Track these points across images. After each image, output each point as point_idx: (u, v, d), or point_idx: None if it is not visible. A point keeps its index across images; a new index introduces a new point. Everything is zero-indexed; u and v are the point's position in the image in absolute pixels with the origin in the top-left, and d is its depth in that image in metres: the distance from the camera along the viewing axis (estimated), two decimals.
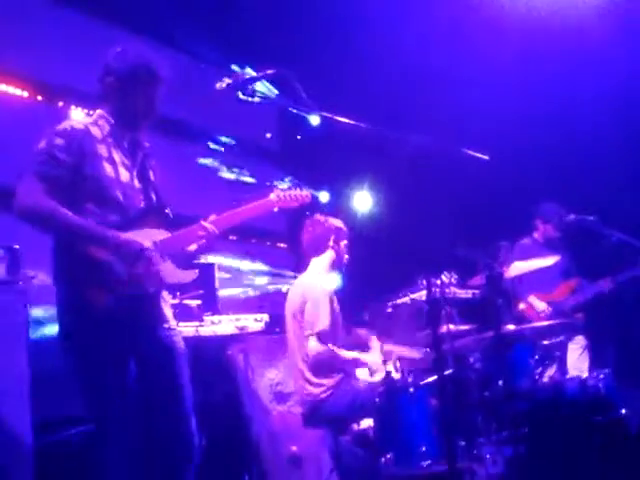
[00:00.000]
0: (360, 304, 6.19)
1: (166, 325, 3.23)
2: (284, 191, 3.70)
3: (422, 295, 4.93)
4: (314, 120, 8.44)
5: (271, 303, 5.97)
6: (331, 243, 4.74)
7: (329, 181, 8.35)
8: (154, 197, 3.31)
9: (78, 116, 5.40)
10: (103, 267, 3.00)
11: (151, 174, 3.34)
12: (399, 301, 5.34)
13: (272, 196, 3.64)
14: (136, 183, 3.25)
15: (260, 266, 7.43)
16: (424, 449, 3.75)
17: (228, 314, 4.85)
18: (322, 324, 4.41)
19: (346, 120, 3.46)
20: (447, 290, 4.79)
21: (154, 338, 3.18)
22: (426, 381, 3.94)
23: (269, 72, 3.34)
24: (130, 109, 3.24)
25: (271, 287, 7.17)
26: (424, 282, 5.22)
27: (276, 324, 5.22)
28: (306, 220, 4.85)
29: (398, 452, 3.81)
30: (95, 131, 3.18)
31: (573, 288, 5.96)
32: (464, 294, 5.06)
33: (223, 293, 5.73)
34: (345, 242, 4.81)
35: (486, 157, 3.16)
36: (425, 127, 3.42)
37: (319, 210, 4.82)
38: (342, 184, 8.26)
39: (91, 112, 3.37)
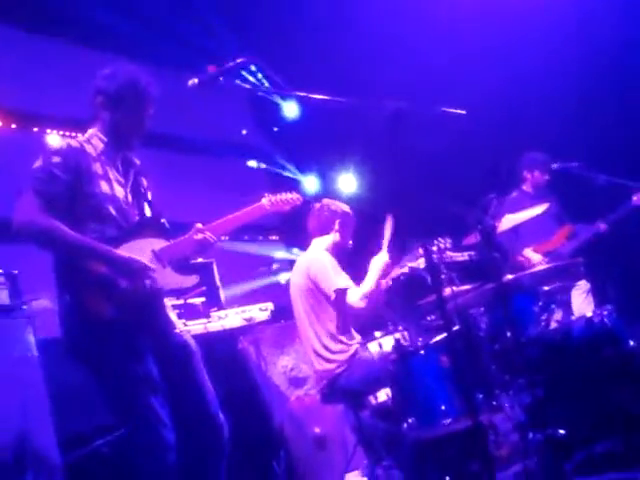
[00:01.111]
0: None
1: (176, 330, 3.33)
2: (275, 195, 3.78)
3: (419, 263, 4.95)
4: (290, 110, 8.48)
5: (271, 295, 6.02)
6: (336, 227, 4.79)
7: (314, 166, 8.45)
8: (148, 210, 3.40)
9: (55, 140, 5.43)
10: (104, 280, 3.06)
11: (143, 190, 3.43)
12: (398, 271, 5.36)
13: (264, 201, 3.70)
14: (130, 199, 3.34)
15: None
16: (444, 408, 3.82)
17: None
18: (340, 280, 4.50)
19: (322, 97, 3.48)
20: (444, 255, 4.83)
21: (167, 340, 3.27)
22: (435, 340, 3.99)
23: (239, 61, 3.39)
24: (121, 127, 3.32)
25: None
26: (420, 250, 5.28)
27: (280, 313, 5.28)
28: (314, 204, 4.89)
29: (419, 415, 3.87)
30: (89, 149, 3.25)
31: (568, 234, 6.01)
32: (460, 257, 5.10)
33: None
34: (351, 227, 4.84)
35: (463, 112, 3.20)
36: (396, 92, 3.46)
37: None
38: (327, 168, 8.35)
39: (67, 133, 3.43)
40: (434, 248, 4.85)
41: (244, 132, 8.73)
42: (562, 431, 3.77)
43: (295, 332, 5.59)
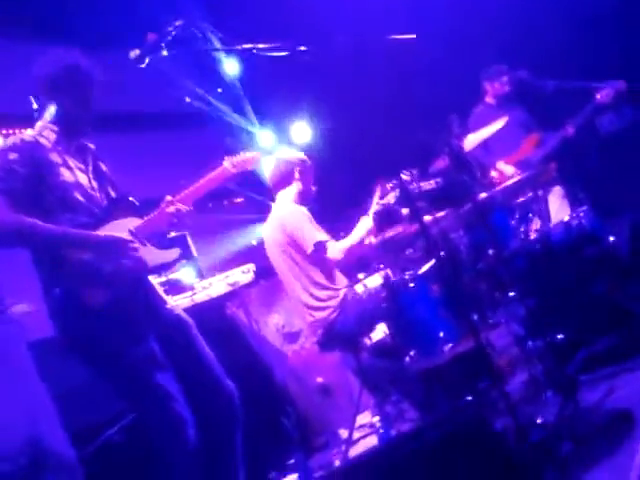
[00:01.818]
0: (330, 227, 6.24)
1: (167, 305, 3.32)
2: (235, 156, 3.73)
3: (389, 199, 4.94)
4: (230, 67, 8.31)
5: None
6: (297, 175, 4.77)
7: (267, 120, 8.33)
8: (113, 193, 3.37)
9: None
10: (89, 266, 3.02)
11: (104, 173, 3.39)
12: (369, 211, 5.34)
13: (225, 164, 3.66)
14: (94, 184, 3.30)
15: None
16: (442, 335, 3.84)
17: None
18: (318, 234, 4.54)
19: (266, 45, 3.42)
20: (412, 186, 4.83)
21: (162, 317, 3.26)
22: (422, 270, 4.01)
23: (178, 24, 3.32)
24: (69, 114, 3.25)
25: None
26: (387, 186, 5.29)
27: (260, 273, 5.28)
28: (270, 159, 4.86)
29: (419, 346, 3.90)
30: (43, 141, 3.19)
31: (536, 142, 6.03)
32: (428, 185, 5.10)
33: None
34: (311, 173, 4.82)
35: (413, 36, 3.17)
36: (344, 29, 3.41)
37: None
38: (279, 119, 8.26)
39: (10, 132, 3.36)
40: (400, 181, 4.87)
41: (187, 100, 8.58)
42: (560, 336, 3.85)
43: (279, 289, 5.61)
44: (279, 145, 7.44)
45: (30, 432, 3.72)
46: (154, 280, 3.38)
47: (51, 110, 3.25)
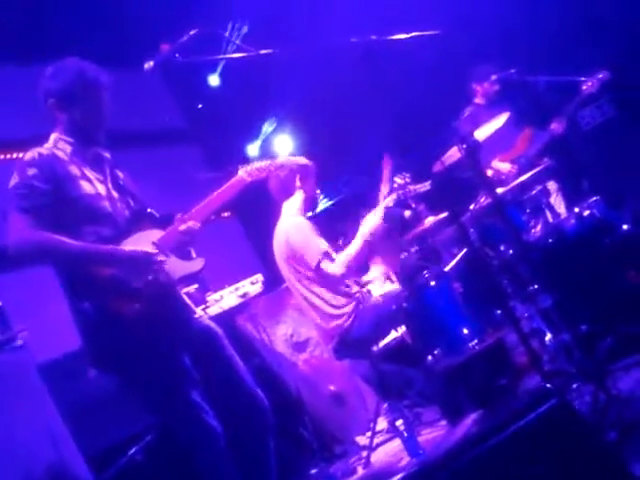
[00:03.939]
0: (330, 234, 6.20)
1: (195, 315, 3.26)
2: (249, 165, 3.69)
3: (388, 202, 4.91)
4: (213, 80, 8.20)
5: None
6: (298, 183, 4.69)
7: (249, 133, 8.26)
8: (133, 203, 3.30)
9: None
10: (117, 281, 2.96)
11: (122, 182, 3.32)
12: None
13: (241, 173, 3.61)
14: (114, 194, 3.22)
15: None
16: (466, 331, 3.82)
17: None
18: (321, 246, 4.45)
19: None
20: (408, 189, 4.83)
21: (192, 329, 3.20)
22: (449, 267, 3.99)
23: (192, 33, 3.27)
24: (82, 124, 3.19)
25: None
26: (383, 190, 5.27)
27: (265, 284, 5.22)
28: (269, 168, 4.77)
29: (444, 344, 3.87)
30: (60, 154, 3.12)
31: (529, 138, 6.05)
32: (423, 188, 5.08)
33: None
34: (312, 177, 4.76)
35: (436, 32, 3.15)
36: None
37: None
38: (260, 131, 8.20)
39: (14, 156, 3.30)
40: (395, 185, 4.86)
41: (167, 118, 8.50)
42: (584, 326, 3.84)
43: (285, 299, 5.56)
44: (275, 154, 7.39)
45: (51, 458, 3.67)
46: (181, 291, 3.31)
47: (64, 121, 3.19)
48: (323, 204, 7.12)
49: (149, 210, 3.31)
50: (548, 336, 3.94)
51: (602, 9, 6.74)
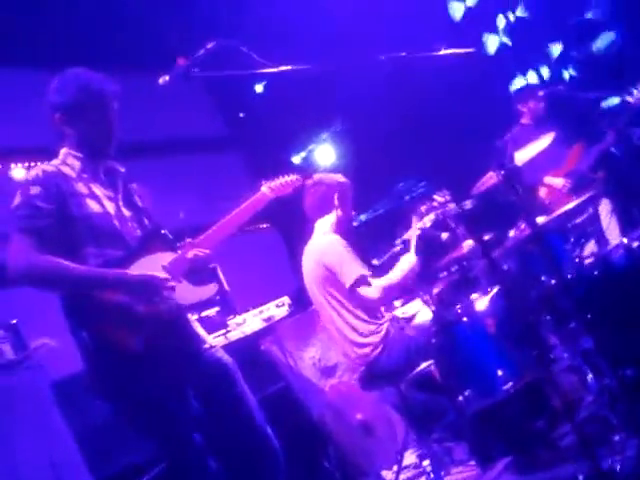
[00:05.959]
0: (365, 254, 5.98)
1: (206, 345, 3.05)
2: (273, 181, 3.53)
3: (425, 222, 4.67)
4: (258, 88, 8.06)
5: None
6: (336, 202, 4.44)
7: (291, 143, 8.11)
8: (147, 222, 3.11)
9: (20, 173, 5.10)
10: (121, 309, 2.78)
11: (137, 198, 3.13)
12: (405, 236, 5.07)
13: (264, 189, 3.45)
14: (125, 212, 3.04)
15: None
16: (500, 373, 3.54)
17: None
18: (357, 268, 4.22)
19: (298, 67, 3.18)
20: (448, 208, 4.58)
21: (200, 363, 2.99)
22: (482, 304, 3.71)
23: (209, 46, 3.09)
24: (91, 137, 3.02)
25: None
26: (422, 209, 5.00)
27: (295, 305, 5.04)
28: (306, 183, 4.53)
29: (476, 386, 3.59)
30: (67, 171, 2.96)
31: (580, 153, 5.83)
32: (464, 207, 4.84)
33: None
34: (349, 197, 4.52)
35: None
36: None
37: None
38: (303, 142, 8.03)
39: (32, 164, 3.17)
40: (435, 204, 4.61)
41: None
42: (629, 371, 3.53)
43: (314, 321, 5.32)
44: (314, 168, 7.19)
45: None
46: (192, 318, 3.11)
47: (72, 135, 3.04)
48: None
49: (163, 231, 3.10)
50: (589, 378, 3.63)
51: None
